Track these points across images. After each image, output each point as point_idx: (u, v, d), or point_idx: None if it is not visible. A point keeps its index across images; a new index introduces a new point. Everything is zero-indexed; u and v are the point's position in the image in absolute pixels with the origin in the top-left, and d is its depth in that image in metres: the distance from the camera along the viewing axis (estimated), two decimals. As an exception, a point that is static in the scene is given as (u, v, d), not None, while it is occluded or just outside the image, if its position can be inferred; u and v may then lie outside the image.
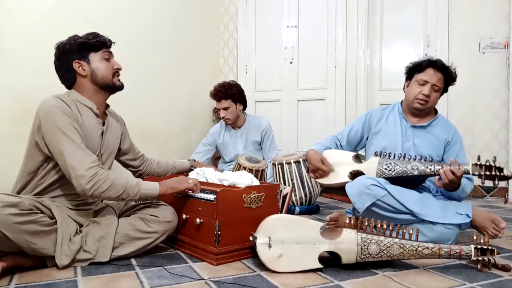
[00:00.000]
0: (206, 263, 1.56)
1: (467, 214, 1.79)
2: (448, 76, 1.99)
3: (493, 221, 1.78)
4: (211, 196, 1.60)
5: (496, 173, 1.64)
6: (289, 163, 2.78)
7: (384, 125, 2.13)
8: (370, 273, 1.46)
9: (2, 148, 2.36)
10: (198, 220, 1.62)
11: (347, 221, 1.51)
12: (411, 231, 1.54)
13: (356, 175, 1.91)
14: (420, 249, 1.48)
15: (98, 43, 1.66)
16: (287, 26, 4.03)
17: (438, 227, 1.77)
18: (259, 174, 2.62)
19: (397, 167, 1.84)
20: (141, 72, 3.32)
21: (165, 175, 2.07)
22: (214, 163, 3.61)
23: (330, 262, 1.53)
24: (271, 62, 4.12)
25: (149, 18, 3.43)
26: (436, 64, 1.98)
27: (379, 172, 1.87)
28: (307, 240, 1.48)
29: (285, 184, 2.74)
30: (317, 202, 2.91)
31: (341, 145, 2.24)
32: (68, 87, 1.69)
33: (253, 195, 1.65)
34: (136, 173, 2.01)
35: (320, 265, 1.47)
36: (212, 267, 1.52)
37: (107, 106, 1.77)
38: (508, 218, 2.54)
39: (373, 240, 1.48)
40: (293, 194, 2.66)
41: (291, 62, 4.02)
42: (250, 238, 1.52)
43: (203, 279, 1.38)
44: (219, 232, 1.55)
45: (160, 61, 3.55)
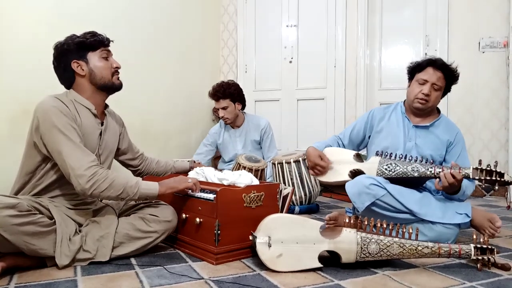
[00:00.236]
0: (206, 263, 1.56)
1: (466, 214, 1.79)
2: (449, 75, 1.97)
3: (490, 220, 1.78)
4: (210, 196, 1.60)
5: (497, 178, 1.64)
6: (288, 163, 2.78)
7: (386, 124, 2.11)
8: (370, 273, 1.46)
9: (2, 148, 2.35)
10: (198, 219, 1.62)
11: (347, 221, 1.51)
12: (410, 231, 1.54)
13: (356, 174, 1.91)
14: (419, 248, 1.48)
15: (96, 42, 1.65)
16: (287, 26, 4.02)
17: (437, 227, 1.77)
18: (258, 173, 2.62)
19: (397, 168, 1.83)
20: (141, 72, 3.32)
21: (165, 174, 2.07)
22: (214, 163, 3.61)
23: (330, 261, 1.53)
24: (271, 62, 4.11)
25: (148, 18, 3.42)
26: (436, 63, 1.97)
27: (379, 172, 1.86)
28: (307, 239, 1.48)
29: (284, 183, 2.74)
30: (317, 202, 2.91)
31: (343, 144, 2.22)
32: (67, 87, 1.68)
33: (253, 195, 1.65)
34: (135, 172, 2.01)
35: (320, 265, 1.47)
36: (212, 266, 1.52)
37: (106, 106, 1.76)
38: (508, 217, 2.54)
39: (373, 240, 1.48)
40: (293, 193, 2.66)
41: (290, 62, 4.01)
42: (250, 237, 1.52)
43: (203, 278, 1.38)
44: (218, 232, 1.55)
45: (159, 61, 3.55)
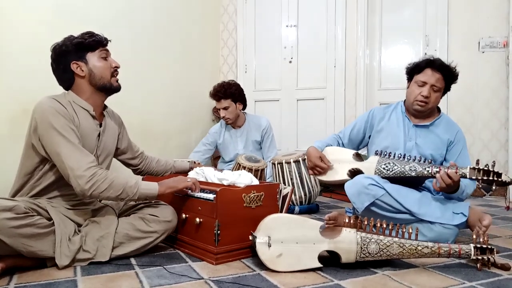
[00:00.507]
0: (206, 263, 1.56)
1: (462, 213, 1.78)
2: (448, 75, 1.96)
3: (479, 219, 1.76)
4: (210, 196, 1.60)
5: (494, 178, 1.63)
6: (288, 163, 2.78)
7: (387, 124, 2.11)
8: (370, 272, 1.46)
9: (2, 148, 2.35)
10: (197, 219, 1.62)
11: (347, 221, 1.51)
12: (410, 230, 1.54)
13: (355, 173, 1.91)
14: (419, 248, 1.48)
15: (94, 42, 1.64)
16: (287, 26, 4.02)
17: (437, 227, 1.77)
18: (258, 173, 2.62)
19: (395, 167, 1.83)
20: (141, 72, 3.31)
21: (164, 174, 2.07)
22: (214, 163, 3.61)
23: (330, 261, 1.53)
24: (271, 62, 4.12)
25: (148, 18, 3.42)
26: (434, 64, 1.95)
27: (378, 172, 1.86)
28: (307, 239, 1.48)
29: (284, 183, 2.73)
30: (317, 202, 2.91)
31: (343, 143, 2.22)
32: (66, 88, 1.67)
33: (253, 195, 1.65)
34: (136, 171, 2.01)
35: (319, 264, 1.47)
36: (211, 266, 1.52)
37: (104, 107, 1.76)
38: (508, 217, 2.54)
39: (373, 239, 1.48)
40: (292, 193, 2.66)
41: (290, 62, 4.01)
42: (250, 237, 1.52)
43: (202, 278, 1.38)
44: (218, 232, 1.55)
45: (159, 61, 3.55)
